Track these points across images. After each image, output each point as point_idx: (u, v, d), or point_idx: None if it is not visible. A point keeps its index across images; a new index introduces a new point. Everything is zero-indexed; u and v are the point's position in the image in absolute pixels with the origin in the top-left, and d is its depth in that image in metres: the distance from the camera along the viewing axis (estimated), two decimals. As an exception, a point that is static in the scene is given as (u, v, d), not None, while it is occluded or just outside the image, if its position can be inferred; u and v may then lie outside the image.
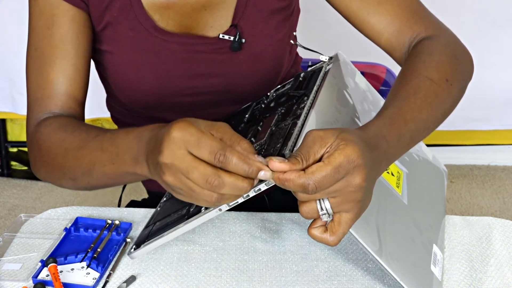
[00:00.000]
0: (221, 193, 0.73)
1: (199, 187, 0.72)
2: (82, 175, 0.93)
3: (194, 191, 0.73)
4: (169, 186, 0.75)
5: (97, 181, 0.93)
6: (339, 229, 0.75)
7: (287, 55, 1.13)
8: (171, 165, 0.72)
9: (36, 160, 1.01)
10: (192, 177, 0.72)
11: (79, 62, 1.03)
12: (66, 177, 0.96)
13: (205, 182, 0.71)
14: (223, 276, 0.92)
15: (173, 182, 0.74)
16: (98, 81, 1.16)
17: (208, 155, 0.71)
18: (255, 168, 0.72)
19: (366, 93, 1.02)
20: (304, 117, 0.85)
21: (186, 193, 0.74)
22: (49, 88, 1.02)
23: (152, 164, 0.77)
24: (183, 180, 0.73)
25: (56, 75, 1.01)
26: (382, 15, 1.04)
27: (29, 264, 0.94)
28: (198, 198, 0.74)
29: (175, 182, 0.73)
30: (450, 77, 0.93)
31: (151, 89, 1.07)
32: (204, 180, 0.71)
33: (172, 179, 0.73)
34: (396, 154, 0.83)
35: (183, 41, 1.05)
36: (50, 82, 1.01)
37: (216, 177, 0.71)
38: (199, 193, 0.73)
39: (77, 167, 0.93)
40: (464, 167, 2.64)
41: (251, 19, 1.06)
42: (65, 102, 1.02)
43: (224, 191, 0.72)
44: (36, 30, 1.02)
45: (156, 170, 0.76)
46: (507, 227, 1.02)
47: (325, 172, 0.71)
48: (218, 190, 0.72)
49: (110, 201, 2.39)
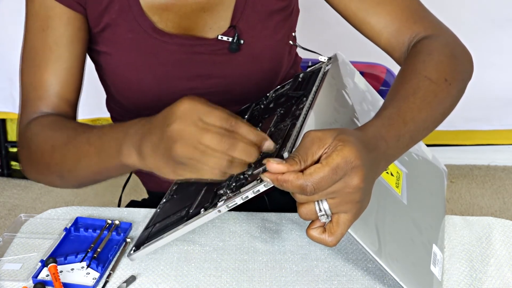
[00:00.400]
0: (232, 157, 0.73)
1: (210, 150, 0.72)
2: (68, 172, 0.94)
3: (205, 154, 0.72)
4: (178, 157, 0.74)
5: (83, 177, 0.94)
6: (337, 230, 0.75)
7: (287, 55, 1.13)
8: (184, 130, 0.73)
9: (26, 159, 1.02)
10: (205, 138, 0.72)
11: (73, 65, 1.03)
12: (53, 175, 0.97)
13: (219, 142, 0.72)
14: (223, 276, 0.92)
15: (182, 152, 0.73)
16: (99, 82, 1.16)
17: (219, 120, 0.73)
18: (261, 137, 0.75)
19: (365, 93, 1.02)
20: (303, 118, 0.85)
21: (194, 162, 0.73)
22: (41, 89, 1.02)
23: (152, 141, 0.77)
24: (195, 146, 0.72)
25: (49, 76, 1.02)
26: (381, 15, 1.04)
27: (29, 264, 0.94)
28: (207, 165, 0.73)
29: (184, 151, 0.73)
30: (449, 76, 0.93)
31: (150, 90, 1.07)
32: (219, 139, 0.72)
33: (182, 148, 0.73)
34: (395, 155, 0.83)
35: (182, 42, 1.05)
36: (43, 84, 1.02)
37: (231, 137, 0.72)
38: (209, 159, 0.73)
39: (63, 163, 0.93)
40: (464, 167, 2.64)
41: (249, 20, 1.06)
42: (57, 103, 1.03)
43: (236, 154, 0.73)
44: (31, 31, 1.03)
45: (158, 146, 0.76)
46: (507, 227, 1.02)
47: (323, 173, 0.71)
48: (231, 152, 0.72)
49: (110, 201, 2.39)
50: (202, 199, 0.85)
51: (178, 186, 1.00)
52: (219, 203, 0.79)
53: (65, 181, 0.97)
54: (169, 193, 1.00)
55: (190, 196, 0.90)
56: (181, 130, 0.73)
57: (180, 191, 0.97)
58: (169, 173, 0.77)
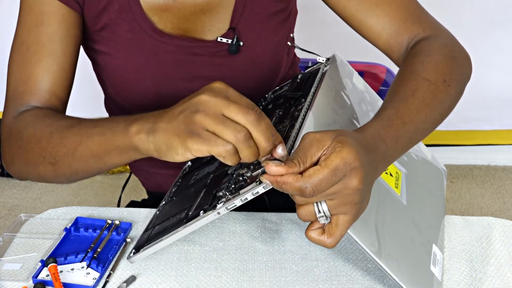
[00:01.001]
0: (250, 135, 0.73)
1: (231, 122, 0.73)
2: (64, 157, 0.92)
3: (225, 124, 0.72)
4: (195, 125, 0.74)
5: (79, 162, 0.91)
6: (336, 231, 0.75)
7: (285, 57, 1.13)
8: (210, 100, 0.74)
9: (12, 150, 1.00)
10: (231, 108, 0.73)
11: (65, 62, 1.03)
12: (45, 162, 0.94)
13: (245, 114, 0.72)
14: (223, 276, 0.92)
15: (201, 119, 0.73)
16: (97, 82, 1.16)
17: (247, 102, 0.74)
18: (279, 139, 0.75)
19: (364, 94, 1.02)
20: (302, 119, 0.85)
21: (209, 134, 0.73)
22: (32, 84, 1.01)
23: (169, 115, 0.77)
24: (217, 115, 0.73)
25: (41, 72, 1.01)
26: (380, 16, 1.04)
27: (29, 264, 0.94)
28: (224, 135, 0.73)
29: (204, 119, 0.73)
30: (448, 78, 0.93)
31: (148, 91, 1.07)
32: (245, 112, 0.72)
33: (203, 116, 0.73)
34: (394, 156, 0.83)
35: (181, 43, 1.05)
36: (34, 79, 1.01)
37: (258, 113, 0.73)
38: (228, 130, 0.72)
39: (61, 147, 0.92)
40: (464, 167, 2.64)
41: (249, 22, 1.06)
42: (48, 99, 1.02)
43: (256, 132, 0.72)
44: (24, 25, 1.02)
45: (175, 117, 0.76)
46: (507, 227, 1.02)
47: (322, 175, 0.71)
48: (254, 127, 0.72)
49: (110, 201, 2.39)
50: (201, 201, 0.85)
51: (177, 188, 1.00)
52: (218, 205, 0.79)
53: (58, 168, 0.94)
54: (169, 195, 1.00)
55: (189, 198, 0.90)
56: (208, 100, 0.74)
57: (180, 193, 0.97)
58: (178, 146, 0.76)
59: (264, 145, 0.73)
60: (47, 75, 1.01)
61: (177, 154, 0.77)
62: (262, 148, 0.74)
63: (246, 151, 0.73)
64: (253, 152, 0.74)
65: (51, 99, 1.02)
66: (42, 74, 1.01)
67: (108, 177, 2.53)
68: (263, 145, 0.73)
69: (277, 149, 0.74)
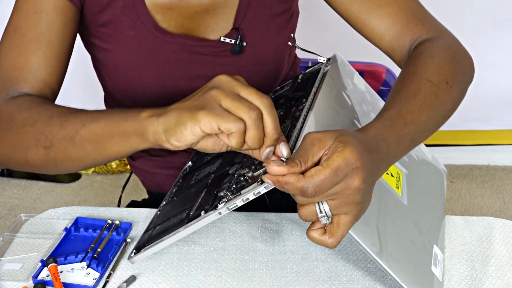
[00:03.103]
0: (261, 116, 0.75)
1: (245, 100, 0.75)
2: (61, 141, 0.90)
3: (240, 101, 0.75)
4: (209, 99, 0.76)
5: (77, 148, 0.89)
6: (338, 231, 0.75)
7: (287, 57, 1.13)
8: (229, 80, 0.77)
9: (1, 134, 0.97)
10: (248, 90, 0.76)
11: (61, 54, 1.02)
12: (38, 145, 0.91)
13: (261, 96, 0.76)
14: (223, 276, 0.92)
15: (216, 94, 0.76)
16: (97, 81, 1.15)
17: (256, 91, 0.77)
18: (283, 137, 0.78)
19: (365, 94, 1.02)
20: (303, 119, 0.85)
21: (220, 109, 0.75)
22: (27, 71, 0.99)
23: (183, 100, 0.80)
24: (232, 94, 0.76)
25: (38, 60, 1.00)
26: (383, 17, 1.03)
27: (29, 264, 0.94)
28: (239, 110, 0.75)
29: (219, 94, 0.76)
30: (450, 79, 0.93)
31: (150, 89, 1.07)
32: (260, 95, 0.76)
33: (221, 91, 0.76)
34: (396, 156, 0.83)
35: (184, 42, 1.05)
36: (30, 66, 0.99)
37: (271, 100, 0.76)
38: (244, 103, 0.75)
39: (60, 129, 0.90)
40: (464, 167, 2.64)
41: (252, 23, 1.06)
42: (42, 88, 1.00)
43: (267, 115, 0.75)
44: (21, 11, 1.00)
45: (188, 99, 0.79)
46: (507, 227, 1.02)
47: (324, 175, 0.70)
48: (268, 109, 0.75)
49: (110, 201, 2.39)
50: (202, 201, 0.85)
51: (178, 188, 1.00)
52: (219, 205, 0.79)
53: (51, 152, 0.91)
54: (169, 195, 1.00)
55: (190, 198, 0.90)
56: (227, 80, 0.78)
57: (180, 194, 0.97)
58: (187, 120, 0.76)
59: (272, 131, 0.76)
60: (44, 64, 1.00)
61: (185, 128, 0.76)
62: (269, 133, 0.76)
63: (254, 130, 0.75)
64: (259, 135, 0.75)
65: (44, 89, 1.00)
66: (39, 62, 1.00)
67: (108, 177, 2.52)
68: (270, 131, 0.76)
69: (280, 146, 0.76)
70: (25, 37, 1.00)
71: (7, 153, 0.96)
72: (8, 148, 0.95)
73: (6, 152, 0.96)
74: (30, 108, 0.95)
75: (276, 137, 0.76)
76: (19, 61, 1.00)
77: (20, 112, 0.95)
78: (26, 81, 0.99)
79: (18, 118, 0.95)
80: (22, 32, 1.00)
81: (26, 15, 1.00)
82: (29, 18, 1.00)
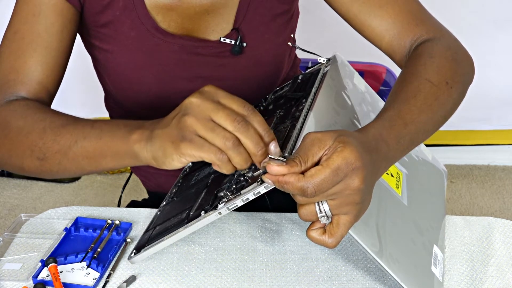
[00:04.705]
0: (239, 141, 0.74)
1: (220, 129, 0.74)
2: (54, 154, 0.91)
3: (214, 131, 0.74)
4: (186, 129, 0.75)
5: (70, 162, 0.91)
6: (337, 231, 0.75)
7: (287, 58, 1.13)
8: (200, 104, 0.75)
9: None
10: (219, 115, 0.74)
11: (59, 56, 1.02)
12: (33, 156, 0.93)
13: (232, 120, 0.74)
14: (223, 276, 0.92)
15: (192, 124, 0.75)
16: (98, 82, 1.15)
17: (237, 105, 0.76)
18: (271, 136, 0.76)
19: (365, 94, 1.02)
20: (303, 119, 0.85)
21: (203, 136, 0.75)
22: (24, 74, 1.00)
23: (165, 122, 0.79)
24: (206, 121, 0.75)
25: (35, 63, 1.00)
26: (383, 18, 1.03)
27: (29, 264, 0.94)
28: (214, 142, 0.74)
29: (196, 122, 0.75)
30: (450, 80, 0.93)
31: (150, 90, 1.07)
32: (232, 118, 0.74)
33: (194, 119, 0.75)
34: (396, 157, 0.83)
35: (184, 43, 1.05)
36: (27, 68, 1.00)
37: (243, 119, 0.74)
38: (217, 137, 0.74)
39: (53, 143, 0.91)
40: (464, 167, 2.64)
41: (252, 23, 1.06)
42: (38, 91, 1.00)
43: (244, 138, 0.74)
44: (20, 13, 1.01)
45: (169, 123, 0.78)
46: (507, 227, 1.02)
47: (324, 175, 0.71)
48: (241, 133, 0.74)
49: (110, 201, 2.39)
50: (202, 201, 0.85)
51: (178, 189, 1.00)
52: (219, 205, 0.79)
53: (45, 164, 0.93)
54: (169, 195, 1.00)
55: (190, 198, 0.90)
56: (197, 104, 0.76)
57: (180, 194, 0.97)
58: (172, 152, 0.77)
59: (253, 150, 0.75)
60: (41, 66, 1.00)
61: (173, 160, 0.78)
62: (252, 153, 0.75)
63: (236, 157, 0.75)
64: (244, 158, 0.75)
65: (40, 92, 1.01)
66: (35, 65, 1.00)
67: (108, 177, 2.52)
68: (252, 151, 0.75)
69: (270, 146, 0.76)
70: (24, 39, 1.00)
71: (4, 158, 0.97)
72: (5, 154, 0.97)
73: (3, 157, 0.97)
74: (25, 116, 0.95)
75: (261, 152, 0.75)
76: (18, 63, 1.00)
77: (15, 119, 0.96)
78: (23, 84, 1.00)
79: (13, 126, 0.95)
80: (21, 35, 1.00)
81: (25, 18, 1.00)
82: (28, 21, 1.00)
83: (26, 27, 1.00)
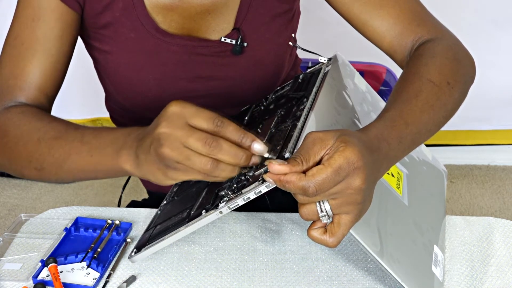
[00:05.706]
0: (217, 159, 0.73)
1: (196, 154, 0.73)
2: (51, 166, 0.92)
3: (191, 159, 0.73)
4: (166, 160, 0.75)
5: (67, 173, 0.92)
6: (338, 230, 0.75)
7: (288, 58, 1.13)
8: (170, 134, 0.74)
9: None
10: (190, 142, 0.73)
11: (58, 61, 1.02)
12: (31, 167, 0.94)
13: (204, 144, 0.72)
14: (223, 276, 0.92)
15: (169, 154, 0.74)
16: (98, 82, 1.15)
17: (206, 122, 0.73)
18: (249, 138, 0.74)
19: (365, 94, 1.02)
20: (304, 119, 0.85)
21: (182, 163, 0.74)
22: (22, 79, 1.00)
23: (144, 147, 0.78)
24: (180, 150, 0.73)
25: (33, 68, 1.00)
26: (385, 18, 1.03)
27: (29, 264, 0.94)
28: (194, 168, 0.74)
29: (172, 153, 0.74)
30: (451, 80, 0.93)
31: (150, 90, 1.07)
32: (203, 142, 0.73)
33: (169, 150, 0.74)
34: (397, 156, 0.83)
35: (184, 43, 1.05)
36: (25, 74, 1.00)
37: (214, 139, 0.73)
38: (195, 161, 0.73)
39: (48, 156, 0.92)
40: (464, 167, 2.64)
41: (253, 23, 1.06)
42: (37, 96, 1.01)
43: (221, 155, 0.73)
44: (20, 19, 1.01)
45: (149, 150, 0.77)
46: (507, 227, 1.02)
47: (325, 174, 0.70)
48: (216, 153, 0.73)
49: (110, 201, 2.39)
50: (203, 200, 0.85)
51: (179, 188, 1.00)
52: (220, 204, 0.79)
53: (43, 174, 0.94)
54: (170, 194, 1.00)
55: (191, 197, 0.90)
56: (167, 134, 0.74)
57: (181, 193, 0.97)
58: (163, 179, 0.78)
59: (234, 162, 0.74)
60: (39, 72, 1.01)
61: (164, 181, 0.79)
62: (234, 164, 0.75)
63: (221, 174, 0.75)
64: (228, 171, 0.75)
65: (39, 97, 1.01)
66: (33, 70, 1.00)
67: (108, 177, 2.52)
68: (233, 163, 0.74)
69: (253, 146, 0.75)
70: (23, 45, 1.00)
71: (5, 164, 0.99)
72: (6, 161, 0.98)
73: (4, 163, 0.99)
74: (21, 125, 0.96)
75: (243, 159, 0.74)
76: (16, 69, 1.01)
77: (13, 128, 0.97)
78: (21, 89, 1.00)
79: (11, 135, 0.96)
80: (20, 40, 1.01)
81: (25, 23, 1.01)
82: (28, 26, 1.00)
83: (25, 32, 1.00)
